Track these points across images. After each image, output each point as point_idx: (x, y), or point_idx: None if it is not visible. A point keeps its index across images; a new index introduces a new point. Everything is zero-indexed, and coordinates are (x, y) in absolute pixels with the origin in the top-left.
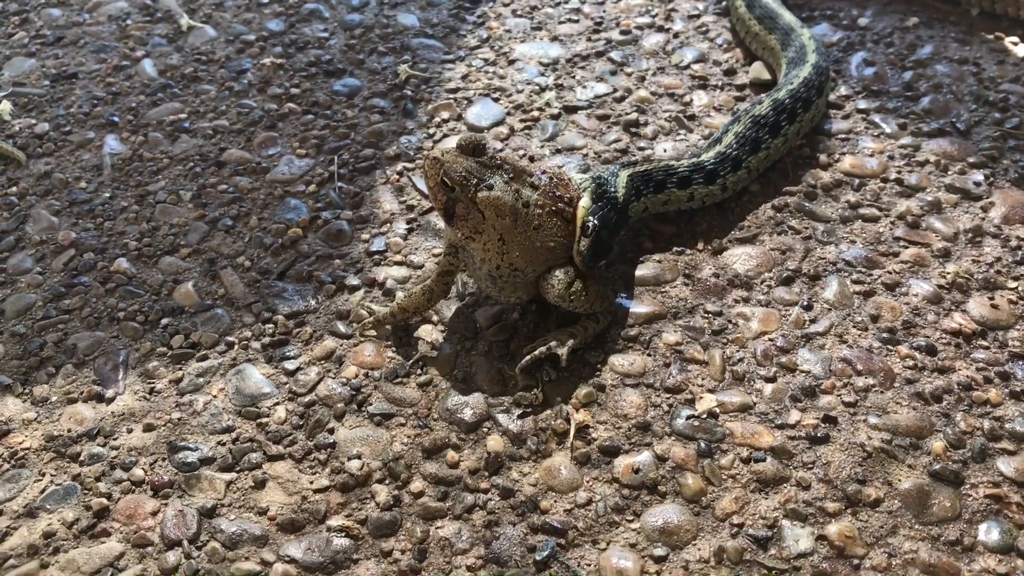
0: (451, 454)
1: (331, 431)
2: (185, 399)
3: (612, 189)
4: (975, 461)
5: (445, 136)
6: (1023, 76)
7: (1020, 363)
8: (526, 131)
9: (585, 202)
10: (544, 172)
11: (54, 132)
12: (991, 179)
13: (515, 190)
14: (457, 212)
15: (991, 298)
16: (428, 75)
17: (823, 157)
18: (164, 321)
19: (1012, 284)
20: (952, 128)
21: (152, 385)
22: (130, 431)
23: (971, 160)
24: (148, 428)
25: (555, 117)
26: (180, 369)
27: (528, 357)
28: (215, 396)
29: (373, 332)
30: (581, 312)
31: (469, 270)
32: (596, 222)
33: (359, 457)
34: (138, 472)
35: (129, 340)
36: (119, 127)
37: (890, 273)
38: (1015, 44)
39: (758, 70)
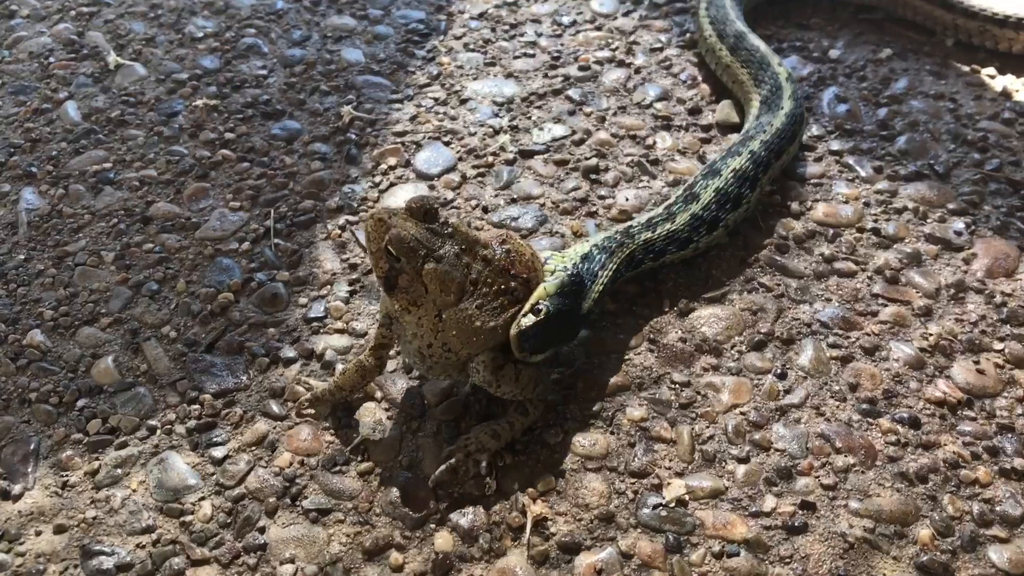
0: (395, 556)
1: (262, 530)
2: (101, 494)
3: (583, 291)
4: (965, 551)
5: (392, 184)
6: (1001, 112)
7: (1009, 436)
8: (479, 178)
9: (549, 286)
10: (503, 244)
11: None
12: (972, 227)
13: (465, 264)
14: (399, 283)
15: (976, 362)
16: (374, 117)
17: (795, 205)
18: (80, 403)
19: (998, 346)
20: (930, 171)
21: (65, 478)
22: (39, 533)
23: (951, 206)
24: (59, 530)
25: (510, 162)
26: (97, 459)
27: (441, 469)
28: (135, 490)
29: (311, 411)
30: (510, 398)
31: (399, 342)
32: (549, 307)
33: (292, 561)
34: None
35: (41, 425)
36: (37, 179)
37: (869, 335)
38: (992, 77)
39: (726, 111)
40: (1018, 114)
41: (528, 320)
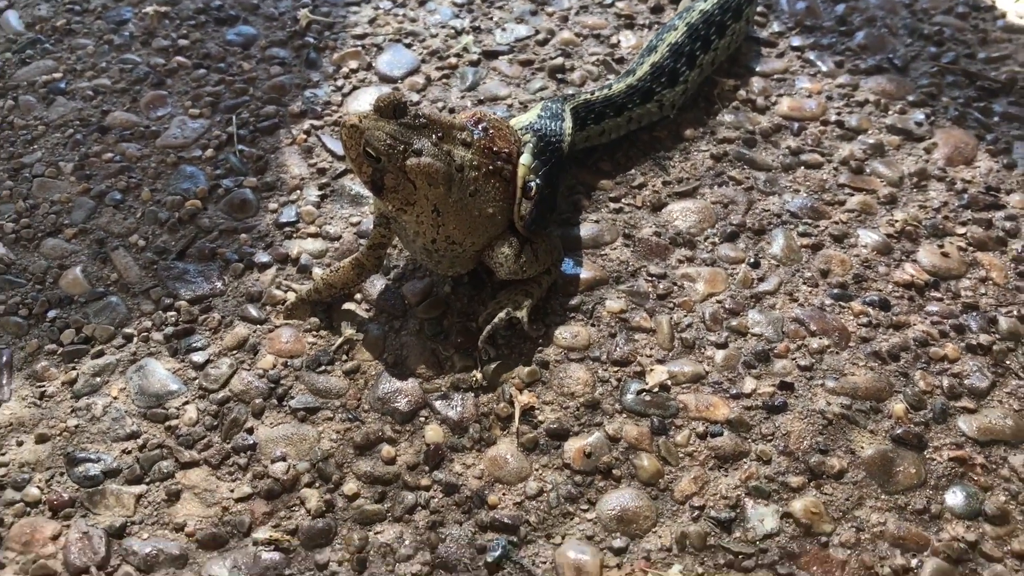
0: (386, 449)
1: (250, 431)
2: (81, 403)
3: (556, 138)
4: (936, 422)
5: (355, 88)
6: (955, 7)
7: (973, 314)
8: (444, 80)
9: (526, 159)
10: (479, 122)
11: None
12: (932, 118)
13: (446, 152)
14: (386, 184)
15: (941, 246)
16: (331, 20)
17: (760, 100)
18: (51, 313)
19: (960, 230)
20: (889, 64)
21: (42, 388)
22: (20, 444)
23: (911, 98)
24: (41, 439)
25: (475, 64)
26: (73, 368)
27: (488, 328)
28: (115, 397)
29: (295, 315)
30: (535, 275)
31: (403, 242)
32: (540, 181)
33: (284, 459)
34: (33, 491)
35: (12, 337)
36: None
37: (837, 223)
38: None
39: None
40: (971, 8)
41: (526, 206)
